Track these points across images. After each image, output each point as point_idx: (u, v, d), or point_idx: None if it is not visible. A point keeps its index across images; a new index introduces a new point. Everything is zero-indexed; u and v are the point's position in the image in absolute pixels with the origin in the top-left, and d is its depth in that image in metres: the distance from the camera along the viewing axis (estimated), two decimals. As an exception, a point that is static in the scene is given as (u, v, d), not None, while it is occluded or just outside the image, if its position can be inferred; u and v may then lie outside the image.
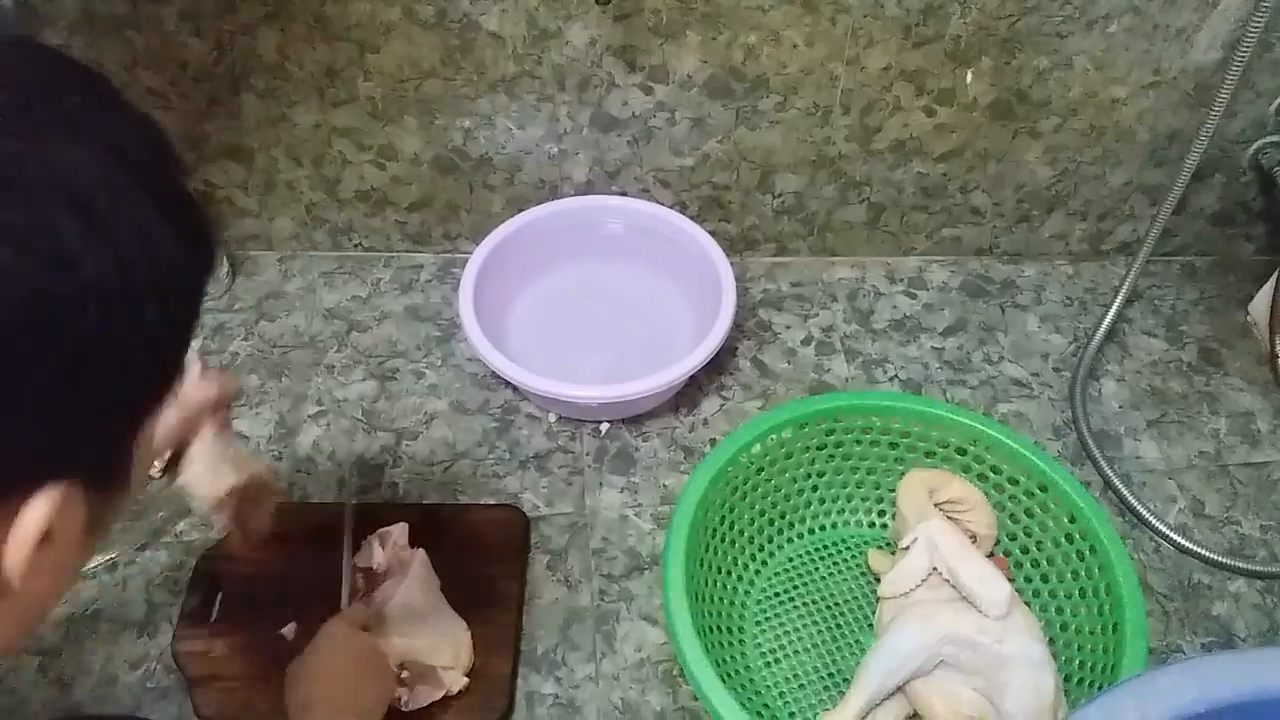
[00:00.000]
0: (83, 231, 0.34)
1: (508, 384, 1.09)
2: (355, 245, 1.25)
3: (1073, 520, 0.87)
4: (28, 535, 0.36)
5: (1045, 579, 0.90)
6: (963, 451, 0.94)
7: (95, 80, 0.39)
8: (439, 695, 0.83)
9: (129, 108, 0.39)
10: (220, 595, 0.90)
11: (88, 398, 0.36)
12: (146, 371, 0.39)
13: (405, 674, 0.82)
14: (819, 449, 0.95)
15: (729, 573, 0.91)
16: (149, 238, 0.37)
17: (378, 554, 0.89)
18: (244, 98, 1.08)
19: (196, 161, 1.13)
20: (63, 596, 0.87)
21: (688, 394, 1.10)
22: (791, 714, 0.85)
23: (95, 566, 0.93)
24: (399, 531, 0.91)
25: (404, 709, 0.82)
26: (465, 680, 0.84)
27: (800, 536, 0.98)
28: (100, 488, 0.39)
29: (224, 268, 1.19)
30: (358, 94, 1.08)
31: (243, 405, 1.08)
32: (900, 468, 0.96)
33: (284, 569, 0.90)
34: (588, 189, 1.18)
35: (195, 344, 0.45)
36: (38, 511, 0.36)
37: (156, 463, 0.98)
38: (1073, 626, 0.86)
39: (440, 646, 0.84)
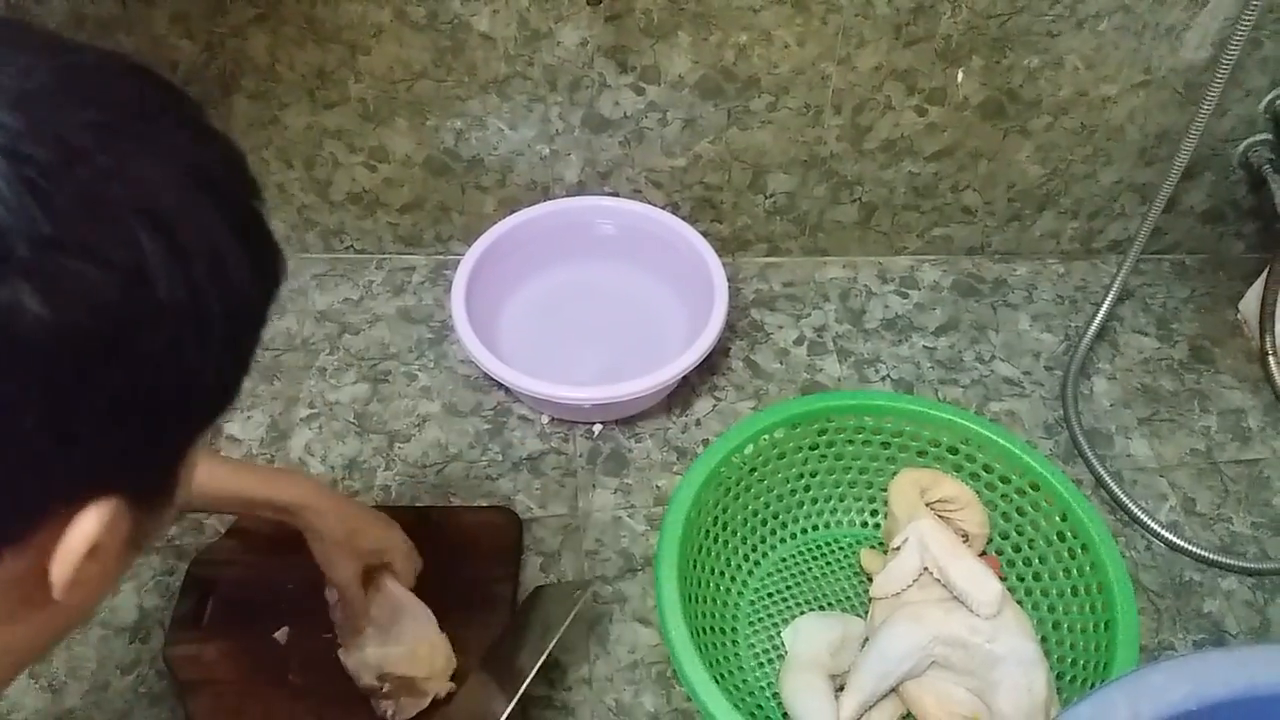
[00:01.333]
0: (163, 253, 0.35)
1: (500, 386, 1.09)
2: (347, 247, 1.24)
3: (1064, 519, 0.88)
4: (75, 549, 0.36)
5: (1037, 577, 0.91)
6: (954, 450, 0.94)
7: (184, 101, 0.40)
8: (425, 704, 0.82)
9: (213, 131, 0.40)
10: (212, 600, 0.90)
11: (148, 415, 0.37)
12: (207, 394, 0.40)
13: (386, 687, 0.82)
14: (811, 449, 0.95)
15: (722, 573, 0.91)
16: (223, 263, 0.38)
17: None
18: (235, 100, 1.08)
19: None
20: (99, 607, 0.89)
21: (680, 395, 1.10)
22: (785, 715, 0.85)
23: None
24: None
25: None
26: (450, 685, 0.84)
27: (793, 536, 0.98)
28: (146, 504, 0.40)
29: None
30: (349, 96, 1.08)
31: (235, 408, 1.07)
32: (892, 467, 0.96)
33: (276, 573, 0.89)
34: (579, 190, 1.18)
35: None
36: (87, 525, 0.36)
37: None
38: (1065, 625, 0.87)
39: (413, 656, 0.83)
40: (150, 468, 0.40)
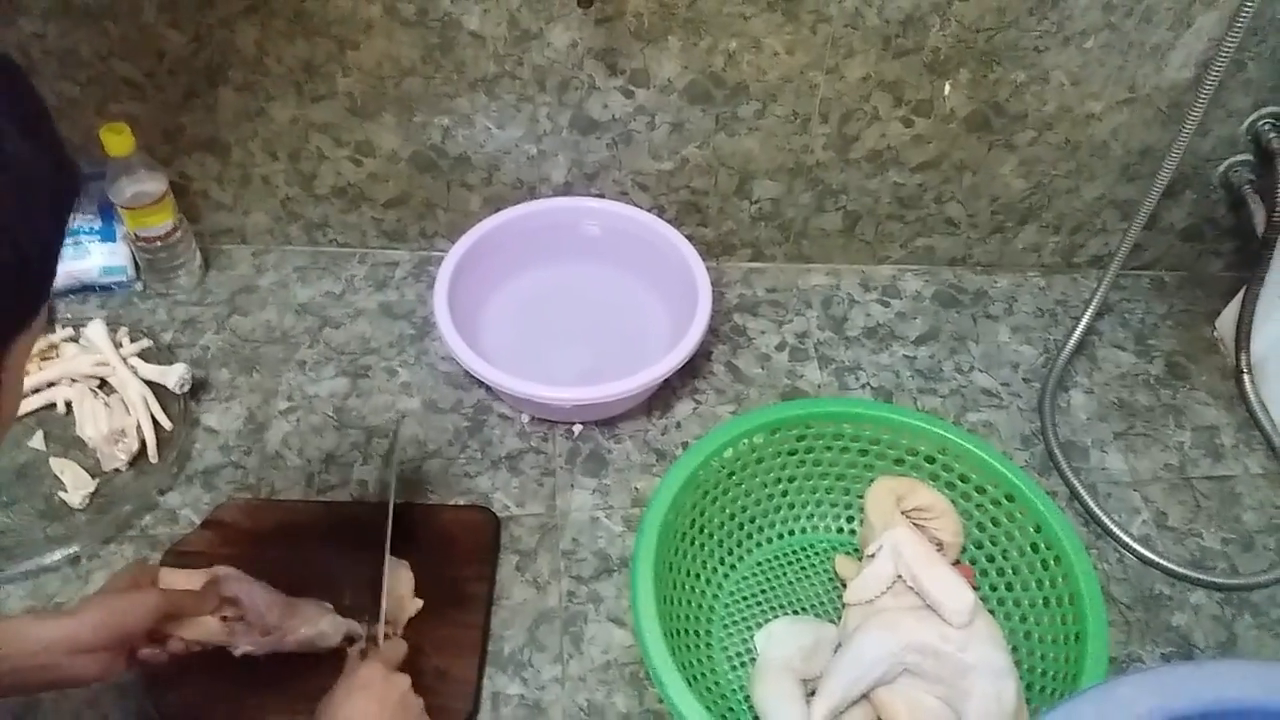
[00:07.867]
0: None
1: (481, 384, 1.08)
2: (330, 241, 1.24)
3: (1038, 530, 0.88)
4: None
5: (1010, 587, 0.91)
6: (931, 459, 0.95)
7: None
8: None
9: None
10: (185, 591, 0.89)
11: None
12: (8, 289, 0.40)
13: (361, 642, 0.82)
14: (790, 454, 0.96)
15: (698, 576, 0.92)
16: (5, 153, 0.39)
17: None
18: (221, 91, 1.07)
19: (171, 154, 1.13)
20: None
21: (661, 397, 1.11)
22: (756, 718, 0.85)
23: (58, 559, 0.92)
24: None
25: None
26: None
27: (769, 541, 0.98)
28: None
29: (197, 260, 1.18)
30: (336, 90, 1.07)
31: (213, 399, 1.07)
32: (869, 474, 0.97)
33: (252, 567, 0.89)
34: (566, 190, 1.19)
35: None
36: None
37: (122, 454, 0.98)
38: (1036, 635, 0.87)
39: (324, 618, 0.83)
40: None
